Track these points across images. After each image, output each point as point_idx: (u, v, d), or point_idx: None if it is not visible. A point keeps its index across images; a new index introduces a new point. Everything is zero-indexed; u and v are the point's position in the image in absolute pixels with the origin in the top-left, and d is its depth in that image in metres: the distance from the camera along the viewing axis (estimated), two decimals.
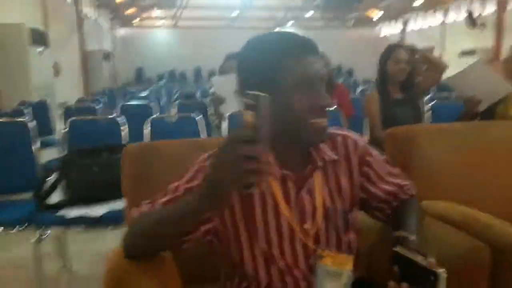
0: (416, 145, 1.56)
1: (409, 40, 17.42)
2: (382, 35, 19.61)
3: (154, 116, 2.58)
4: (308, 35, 0.96)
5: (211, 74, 18.09)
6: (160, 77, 17.97)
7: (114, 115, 2.65)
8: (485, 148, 1.59)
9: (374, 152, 1.04)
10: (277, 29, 18.70)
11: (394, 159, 1.58)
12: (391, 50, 2.43)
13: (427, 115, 2.75)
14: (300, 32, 0.92)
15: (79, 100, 4.72)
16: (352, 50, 17.96)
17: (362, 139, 1.04)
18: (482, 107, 2.23)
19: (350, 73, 18.63)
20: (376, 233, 1.12)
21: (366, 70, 18.12)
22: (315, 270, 0.91)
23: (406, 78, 2.41)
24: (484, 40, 12.23)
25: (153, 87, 8.53)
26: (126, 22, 18.21)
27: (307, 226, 0.93)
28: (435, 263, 0.81)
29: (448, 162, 1.55)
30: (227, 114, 3.05)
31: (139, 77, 17.95)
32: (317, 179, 0.95)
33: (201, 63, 18.02)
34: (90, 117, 2.56)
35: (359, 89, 5.90)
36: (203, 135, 2.51)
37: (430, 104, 2.77)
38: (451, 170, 1.53)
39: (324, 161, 0.95)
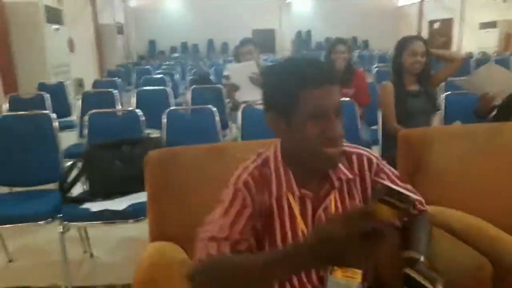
0: (428, 148, 1.59)
1: (428, 11, 16.91)
2: (399, 4, 19.00)
3: (171, 108, 2.62)
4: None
5: (224, 47, 17.98)
6: (173, 50, 17.90)
7: (131, 104, 2.69)
8: (498, 152, 1.61)
9: (387, 168, 1.08)
10: (288, 0, 18.27)
11: (405, 162, 1.63)
12: (407, 41, 2.40)
13: (442, 106, 2.73)
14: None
15: (96, 84, 4.76)
16: (368, 20, 17.50)
17: (376, 156, 1.07)
18: (497, 102, 2.23)
19: (365, 44, 18.23)
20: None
21: (382, 41, 17.79)
22: (326, 283, 0.97)
23: (422, 70, 2.39)
24: (506, 12, 11.79)
25: (166, 64, 8.53)
26: None
27: None
28: None
29: (459, 166, 1.58)
30: (241, 101, 3.10)
31: (152, 50, 17.90)
32: (333, 198, 1.00)
33: (213, 34, 17.85)
34: (110, 110, 2.60)
35: (374, 67, 5.81)
36: (219, 127, 2.55)
37: (444, 95, 2.74)
38: (462, 176, 1.56)
39: (340, 181, 1.00)
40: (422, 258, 0.96)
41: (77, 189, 2.26)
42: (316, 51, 15.43)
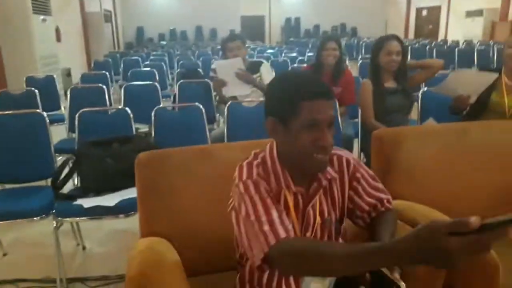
0: (400, 147, 1.71)
1: None
2: None
3: (159, 106, 2.70)
4: None
5: (212, 33, 17.86)
6: (161, 37, 17.76)
7: (120, 100, 2.76)
8: (466, 151, 1.74)
9: (363, 169, 1.22)
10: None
11: (378, 159, 1.75)
12: (383, 41, 2.51)
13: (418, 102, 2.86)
14: None
15: (84, 78, 4.78)
16: (357, 7, 17.52)
17: (353, 157, 1.22)
18: (472, 100, 2.36)
19: (354, 32, 18.28)
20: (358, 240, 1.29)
21: (371, 28, 17.85)
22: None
23: (398, 68, 2.50)
24: (492, 0, 11.92)
25: (155, 53, 8.52)
26: None
27: (308, 234, 1.13)
28: (399, 277, 0.99)
29: (429, 164, 1.70)
30: (228, 96, 3.20)
31: (140, 37, 17.74)
32: (320, 195, 1.15)
33: (202, 21, 17.73)
34: (100, 108, 2.67)
35: (359, 59, 5.91)
36: (206, 124, 2.64)
37: (419, 93, 2.87)
38: (431, 173, 1.68)
39: (327, 180, 1.14)
40: None
41: (69, 186, 2.34)
42: (304, 39, 15.42)
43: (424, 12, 16.49)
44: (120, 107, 2.72)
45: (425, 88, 2.93)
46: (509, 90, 2.36)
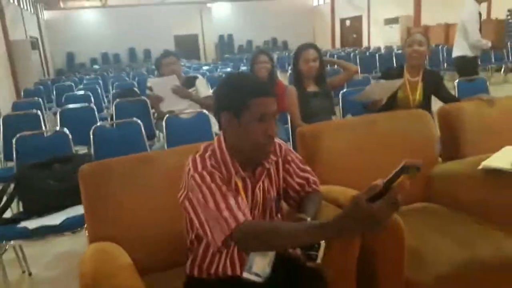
0: (319, 140, 1.95)
1: (339, 10, 18.08)
2: (314, 4, 20.06)
3: (96, 125, 2.76)
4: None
5: (146, 54, 17.75)
6: (93, 61, 17.36)
7: (56, 124, 2.77)
8: (374, 137, 2.01)
9: (292, 153, 1.44)
10: (209, 5, 18.53)
11: (302, 152, 1.97)
12: (301, 50, 2.80)
13: (339, 104, 3.19)
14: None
15: (16, 105, 4.66)
16: (286, 21, 18.31)
17: (284, 143, 1.43)
18: (383, 101, 2.72)
19: (285, 45, 19.01)
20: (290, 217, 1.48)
21: (300, 40, 18.64)
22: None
23: (317, 73, 2.79)
24: (406, 8, 13.04)
25: (88, 78, 8.38)
26: (52, 4, 17.19)
27: (256, 212, 1.31)
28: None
29: (344, 152, 1.95)
30: (166, 111, 3.31)
31: (71, 62, 17.22)
32: (264, 178, 1.33)
33: (134, 42, 17.60)
34: (37, 131, 2.68)
35: (289, 69, 6.26)
36: (145, 137, 2.74)
37: (340, 94, 3.20)
38: (346, 159, 1.93)
39: (270, 164, 1.33)
40: (309, 219, 1.29)
41: (11, 212, 2.33)
42: (238, 54, 15.80)
43: (348, 22, 17.61)
44: (58, 128, 2.74)
45: (344, 90, 3.27)
46: (411, 86, 2.73)
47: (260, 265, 1.15)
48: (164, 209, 1.58)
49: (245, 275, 1.14)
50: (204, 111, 3.16)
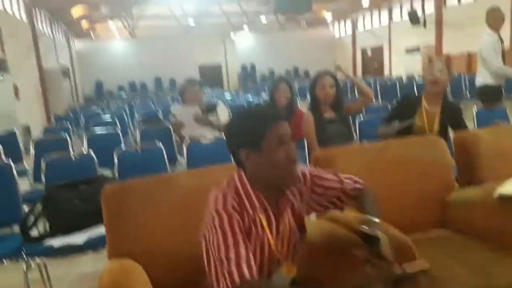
0: (333, 164, 1.97)
1: (360, 40, 18.28)
2: (336, 35, 20.35)
3: (122, 149, 2.90)
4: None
5: (172, 83, 18.27)
6: (120, 89, 17.96)
7: (83, 148, 2.92)
8: (387, 162, 2.04)
9: (322, 173, 1.44)
10: (233, 36, 19.05)
11: None
12: (318, 77, 2.88)
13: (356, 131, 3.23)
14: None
15: (47, 130, 4.90)
16: (308, 51, 18.58)
17: (308, 169, 1.43)
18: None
19: (306, 74, 19.23)
20: None
21: (321, 69, 18.82)
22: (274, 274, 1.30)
23: (334, 99, 2.85)
24: (427, 37, 13.10)
25: (114, 106, 8.70)
26: (83, 35, 18.07)
27: (284, 248, 1.32)
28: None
29: (358, 176, 1.98)
30: (187, 136, 3.43)
31: (99, 90, 17.87)
32: (288, 211, 1.34)
33: (160, 72, 18.14)
34: (65, 154, 2.83)
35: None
36: (167, 161, 2.85)
37: (356, 122, 3.25)
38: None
39: (293, 195, 1.33)
40: (377, 220, 1.30)
41: (38, 230, 2.43)
42: (261, 83, 16.08)
43: (369, 52, 17.75)
44: (84, 152, 2.88)
45: (362, 119, 3.32)
46: (428, 115, 2.73)
47: None
48: (182, 229, 1.64)
49: None
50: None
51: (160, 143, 3.03)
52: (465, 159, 2.29)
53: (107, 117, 5.44)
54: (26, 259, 2.15)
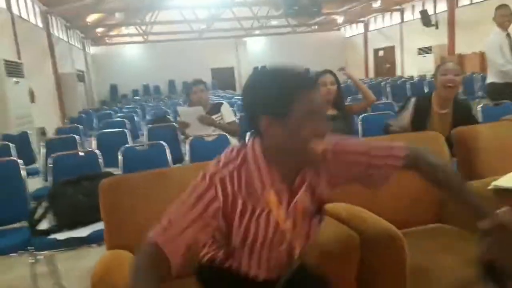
0: None
1: (372, 41, 18.17)
2: (346, 35, 20.28)
3: (126, 146, 2.97)
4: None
5: (185, 85, 18.46)
6: (134, 92, 18.23)
7: (92, 147, 3.00)
8: None
9: (345, 144, 1.20)
10: (245, 39, 19.16)
11: None
12: (318, 76, 2.91)
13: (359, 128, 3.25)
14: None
15: (59, 131, 5.03)
16: (319, 52, 18.53)
17: (331, 141, 1.14)
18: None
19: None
20: None
21: (333, 71, 18.80)
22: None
23: (335, 97, 2.88)
24: (439, 37, 12.95)
25: (128, 106, 8.85)
26: (98, 40, 18.41)
27: (297, 229, 1.15)
28: None
29: None
30: (191, 135, 3.50)
31: (114, 94, 18.16)
32: (304, 188, 1.14)
33: (174, 75, 18.32)
34: (71, 152, 2.92)
35: None
36: (170, 159, 2.90)
37: (360, 117, 3.26)
38: None
39: (311, 175, 1.13)
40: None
41: (45, 225, 2.51)
42: None
43: (381, 53, 17.62)
44: (90, 149, 2.96)
45: (366, 114, 3.33)
46: (441, 119, 2.61)
47: None
48: None
49: None
50: (226, 134, 3.33)
51: (165, 142, 3.09)
52: (465, 154, 2.28)
53: (118, 119, 5.55)
54: (33, 252, 2.23)
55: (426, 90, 7.96)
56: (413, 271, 1.51)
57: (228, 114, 3.65)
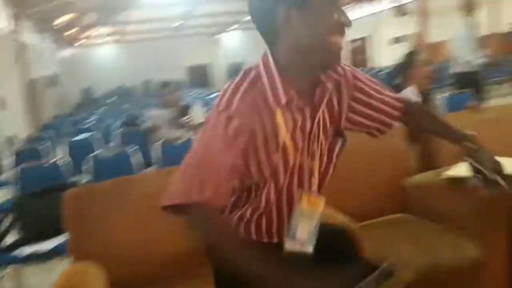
0: None
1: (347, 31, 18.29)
2: None
3: (94, 153, 2.94)
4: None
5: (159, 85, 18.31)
6: (110, 94, 17.96)
7: (59, 157, 2.95)
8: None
9: (363, 77, 1.15)
10: (218, 35, 19.07)
11: None
12: None
13: None
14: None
15: (28, 141, 4.94)
16: None
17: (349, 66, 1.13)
18: None
19: None
20: None
21: None
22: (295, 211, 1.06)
23: None
24: (413, 27, 13.11)
25: (100, 111, 8.74)
26: (70, 42, 18.00)
27: (316, 152, 1.07)
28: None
29: None
30: (162, 138, 3.49)
31: (88, 97, 17.85)
32: (323, 107, 1.05)
33: (149, 75, 18.14)
34: (38, 162, 2.88)
35: None
36: (139, 166, 2.89)
37: None
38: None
39: (332, 83, 1.03)
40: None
41: (11, 238, 2.45)
42: None
43: (354, 44, 17.77)
44: (56, 159, 2.92)
45: None
46: None
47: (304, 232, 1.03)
48: (145, 229, 1.68)
49: (288, 245, 1.04)
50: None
51: (137, 147, 3.08)
52: (424, 144, 2.34)
53: (91, 124, 5.48)
54: None
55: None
56: None
57: (198, 116, 3.66)
